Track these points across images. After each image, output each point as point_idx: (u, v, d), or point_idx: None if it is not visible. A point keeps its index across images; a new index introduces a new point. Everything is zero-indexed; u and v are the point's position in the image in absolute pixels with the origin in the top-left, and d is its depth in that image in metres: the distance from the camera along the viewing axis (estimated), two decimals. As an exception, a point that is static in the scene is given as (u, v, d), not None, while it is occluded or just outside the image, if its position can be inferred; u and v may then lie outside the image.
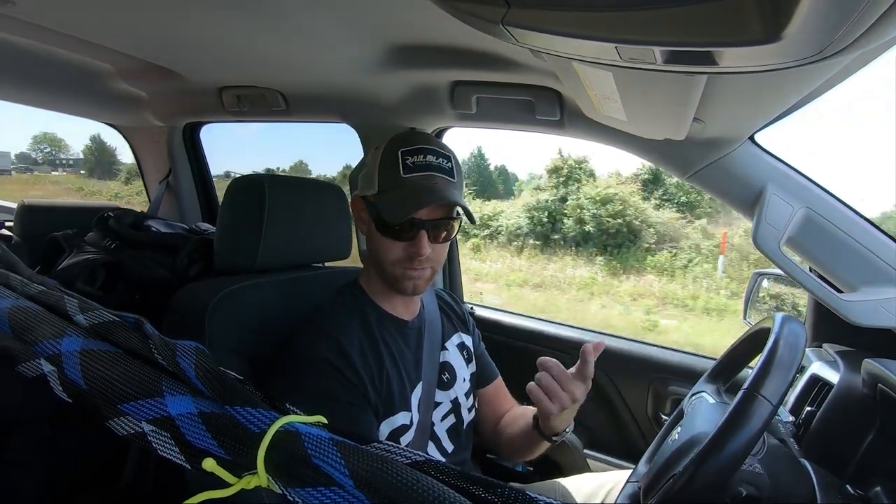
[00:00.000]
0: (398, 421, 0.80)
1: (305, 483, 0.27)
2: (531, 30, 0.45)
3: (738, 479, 0.63)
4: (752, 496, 0.62)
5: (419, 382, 0.86)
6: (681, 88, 0.59)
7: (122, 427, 0.33)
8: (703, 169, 0.98)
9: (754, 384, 0.60)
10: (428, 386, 0.87)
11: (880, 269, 0.88)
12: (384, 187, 0.78)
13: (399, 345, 0.86)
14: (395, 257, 0.80)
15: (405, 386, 0.83)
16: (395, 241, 0.79)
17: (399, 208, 0.76)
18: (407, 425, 0.81)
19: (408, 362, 0.85)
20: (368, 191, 0.81)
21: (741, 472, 0.63)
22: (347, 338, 0.78)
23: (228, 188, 0.99)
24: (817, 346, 1.05)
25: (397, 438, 0.80)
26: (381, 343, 0.83)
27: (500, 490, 0.27)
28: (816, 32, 0.36)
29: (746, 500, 0.62)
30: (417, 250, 0.78)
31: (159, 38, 1.06)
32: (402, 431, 0.81)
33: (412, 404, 0.83)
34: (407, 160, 0.78)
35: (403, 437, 0.81)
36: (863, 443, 0.81)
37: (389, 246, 0.80)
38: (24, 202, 1.61)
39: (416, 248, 0.78)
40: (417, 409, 0.83)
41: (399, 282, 0.82)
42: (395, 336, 0.86)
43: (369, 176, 0.81)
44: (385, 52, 1.02)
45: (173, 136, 1.83)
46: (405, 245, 0.79)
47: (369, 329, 0.83)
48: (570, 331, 1.43)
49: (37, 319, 0.40)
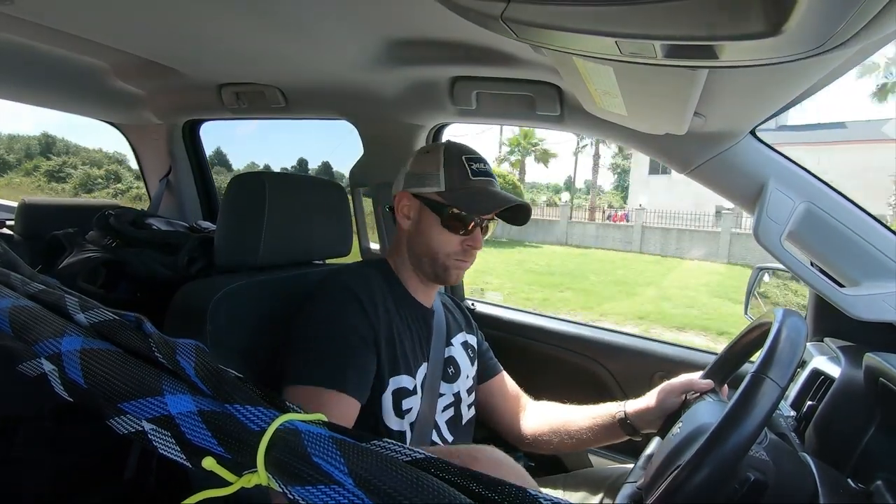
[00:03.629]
0: (403, 382, 0.84)
1: (305, 481, 0.27)
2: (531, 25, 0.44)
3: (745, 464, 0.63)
4: (760, 481, 0.62)
5: (425, 363, 0.90)
6: (681, 83, 0.59)
7: (122, 426, 0.34)
8: (704, 163, 0.98)
9: (762, 367, 0.61)
10: (433, 368, 0.91)
11: (881, 263, 0.88)
12: (453, 186, 0.87)
13: (416, 322, 0.92)
14: (451, 249, 0.89)
15: (415, 357, 0.89)
16: (454, 235, 0.88)
17: (478, 205, 0.87)
18: (410, 390, 0.85)
19: (418, 341, 0.91)
20: (427, 188, 0.88)
21: (748, 458, 0.63)
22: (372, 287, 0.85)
23: (229, 186, 0.99)
24: (819, 340, 1.04)
25: (401, 399, 0.84)
26: (402, 310, 0.90)
27: (501, 487, 0.27)
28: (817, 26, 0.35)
29: (755, 484, 0.62)
30: (475, 244, 0.89)
31: (159, 35, 1.06)
32: (406, 394, 0.85)
33: (417, 377, 0.87)
34: (472, 165, 0.89)
35: (406, 401, 0.85)
36: (864, 437, 0.81)
37: (448, 239, 0.88)
38: (24, 201, 1.61)
39: (473, 242, 0.89)
40: (421, 387, 0.88)
41: (448, 271, 0.90)
42: (414, 313, 0.93)
43: (425, 175, 0.89)
44: (385, 48, 1.02)
45: (173, 134, 1.83)
46: (462, 238, 0.89)
47: (395, 295, 0.90)
48: (570, 326, 1.43)
49: (37, 319, 0.40)
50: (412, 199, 0.90)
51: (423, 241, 0.89)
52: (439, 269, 0.90)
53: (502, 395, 1.08)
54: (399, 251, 0.94)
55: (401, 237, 0.94)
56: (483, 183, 0.89)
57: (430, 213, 0.88)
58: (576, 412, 1.01)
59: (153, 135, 1.85)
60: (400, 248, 0.94)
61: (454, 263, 0.90)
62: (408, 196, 0.90)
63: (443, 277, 0.91)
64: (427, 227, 0.89)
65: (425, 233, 0.89)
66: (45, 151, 21.69)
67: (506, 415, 1.07)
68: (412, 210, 0.90)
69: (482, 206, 0.87)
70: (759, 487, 0.62)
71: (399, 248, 0.94)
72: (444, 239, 0.88)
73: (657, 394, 0.91)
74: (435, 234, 0.88)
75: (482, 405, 1.06)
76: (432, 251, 0.89)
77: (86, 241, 1.18)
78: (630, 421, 0.93)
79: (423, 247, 0.90)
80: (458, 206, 0.86)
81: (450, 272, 0.90)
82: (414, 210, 0.90)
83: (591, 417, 0.97)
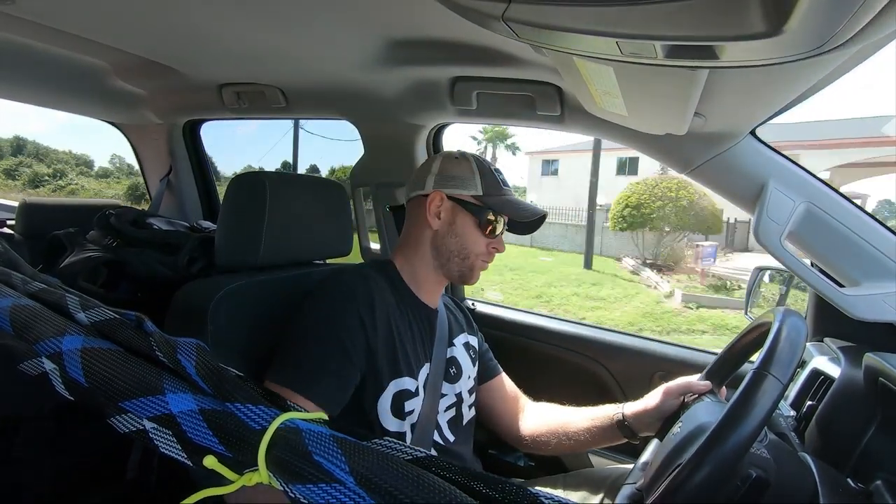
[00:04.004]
0: (405, 384, 0.85)
1: (307, 480, 0.27)
2: (532, 25, 0.45)
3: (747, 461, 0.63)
4: (762, 478, 0.62)
5: (427, 363, 0.91)
6: (682, 83, 0.59)
7: (123, 424, 0.33)
8: (704, 164, 0.98)
9: (763, 364, 0.61)
10: (436, 368, 0.92)
11: (881, 263, 0.88)
12: (490, 192, 0.93)
13: (419, 322, 0.93)
14: (480, 250, 0.94)
15: (417, 358, 0.89)
16: (485, 237, 0.93)
17: (518, 212, 0.94)
18: (412, 392, 0.86)
19: (420, 341, 0.91)
20: (464, 191, 0.93)
21: (750, 456, 0.63)
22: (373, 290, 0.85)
23: (230, 185, 0.99)
24: (818, 340, 1.04)
25: (402, 402, 0.84)
26: (405, 311, 0.91)
27: (502, 486, 0.27)
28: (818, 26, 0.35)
29: (757, 481, 0.62)
30: (499, 247, 0.96)
31: (160, 35, 1.06)
32: (408, 396, 0.85)
33: (419, 378, 0.88)
34: (500, 177, 0.96)
35: (408, 403, 0.85)
36: (864, 437, 0.81)
37: (479, 240, 0.93)
38: (25, 200, 1.61)
39: (497, 245, 0.96)
40: (423, 387, 0.88)
41: (472, 271, 0.95)
42: (419, 314, 0.94)
43: (461, 178, 0.93)
44: (385, 48, 1.02)
45: (173, 134, 1.83)
46: (489, 241, 0.94)
47: (398, 296, 0.91)
48: (571, 326, 1.43)
49: (38, 318, 0.40)
50: (446, 199, 0.93)
51: (457, 241, 0.93)
52: (467, 268, 0.94)
53: (501, 396, 1.09)
54: (417, 249, 0.95)
55: (423, 236, 0.95)
56: (509, 192, 0.96)
57: (467, 214, 0.92)
58: (574, 414, 1.01)
59: (154, 134, 1.85)
60: (419, 247, 0.95)
61: (480, 264, 0.95)
62: (441, 196, 0.92)
63: (467, 277, 0.95)
64: (462, 227, 0.92)
65: (460, 233, 0.93)
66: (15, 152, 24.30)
67: (505, 416, 1.07)
68: (444, 211, 0.93)
69: (521, 213, 0.94)
70: (760, 485, 0.62)
71: (418, 247, 0.95)
72: (477, 240, 0.93)
73: (655, 396, 0.91)
74: (469, 234, 0.92)
75: (482, 406, 1.07)
76: (465, 250, 0.93)
77: (86, 241, 1.18)
78: (628, 423, 0.93)
79: (457, 246, 0.93)
80: (501, 212, 0.93)
81: (475, 272, 0.95)
82: (446, 211, 0.93)
83: (590, 419, 0.98)
